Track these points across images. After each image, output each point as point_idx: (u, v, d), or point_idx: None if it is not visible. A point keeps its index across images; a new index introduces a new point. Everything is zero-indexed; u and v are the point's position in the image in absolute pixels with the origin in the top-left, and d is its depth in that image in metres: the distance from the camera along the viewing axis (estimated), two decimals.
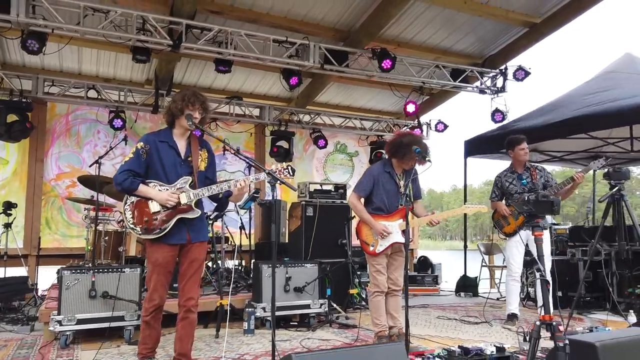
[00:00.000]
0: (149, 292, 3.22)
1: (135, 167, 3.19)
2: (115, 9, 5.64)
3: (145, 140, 3.26)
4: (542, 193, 2.66)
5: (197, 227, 3.31)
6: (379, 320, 4.06)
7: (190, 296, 3.25)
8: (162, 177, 3.23)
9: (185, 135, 3.34)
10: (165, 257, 3.19)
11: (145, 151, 3.21)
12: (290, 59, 6.60)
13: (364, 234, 4.10)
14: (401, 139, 4.12)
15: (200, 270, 3.34)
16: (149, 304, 3.21)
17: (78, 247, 7.24)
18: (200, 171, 3.35)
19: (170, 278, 3.29)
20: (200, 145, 3.41)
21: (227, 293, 5.34)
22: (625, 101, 5.94)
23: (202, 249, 3.35)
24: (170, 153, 3.26)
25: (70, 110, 7.58)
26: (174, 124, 3.31)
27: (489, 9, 6.80)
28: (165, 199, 3.15)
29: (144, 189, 3.17)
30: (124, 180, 3.13)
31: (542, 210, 2.53)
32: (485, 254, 8.24)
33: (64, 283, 4.25)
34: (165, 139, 3.28)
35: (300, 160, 9.19)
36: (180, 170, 3.27)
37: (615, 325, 5.02)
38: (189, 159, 3.31)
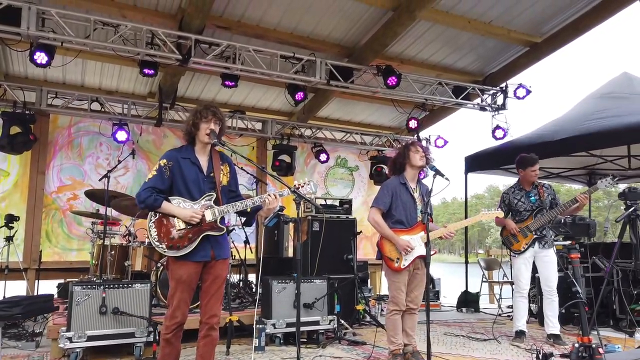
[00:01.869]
0: (171, 310, 3.19)
1: (158, 184, 3.18)
2: (125, 23, 5.66)
3: (168, 157, 3.25)
4: (579, 216, 2.71)
5: (221, 244, 3.30)
6: (395, 338, 4.06)
7: (214, 313, 3.22)
8: (185, 193, 3.22)
9: (206, 150, 3.34)
10: (190, 274, 3.17)
11: (169, 168, 3.20)
12: (297, 75, 6.65)
13: (387, 250, 4.10)
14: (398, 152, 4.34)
15: (223, 286, 3.32)
16: (170, 322, 3.18)
17: (78, 261, 7.16)
18: (223, 186, 3.35)
19: (192, 295, 3.26)
20: (221, 160, 3.42)
21: (234, 309, 5.32)
22: (623, 121, 6.06)
23: (225, 266, 3.34)
24: (193, 169, 3.26)
25: (72, 122, 7.53)
26: (194, 140, 3.32)
27: (492, 28, 6.93)
28: (190, 217, 3.14)
29: (167, 207, 3.16)
30: (147, 198, 3.12)
31: (579, 233, 2.57)
32: (485, 269, 8.29)
33: (75, 299, 4.19)
34: (187, 156, 3.28)
35: (302, 174, 9.20)
36: (204, 186, 3.27)
37: (618, 341, 5.06)
38: (211, 175, 3.31)
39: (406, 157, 4.14)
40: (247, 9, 6.22)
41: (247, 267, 6.74)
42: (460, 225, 4.38)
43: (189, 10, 5.73)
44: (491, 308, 7.93)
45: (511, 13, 6.70)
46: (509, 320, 6.45)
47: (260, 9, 6.23)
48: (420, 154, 4.12)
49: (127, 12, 5.93)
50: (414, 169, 4.19)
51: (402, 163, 4.19)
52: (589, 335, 2.41)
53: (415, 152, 4.13)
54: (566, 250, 2.69)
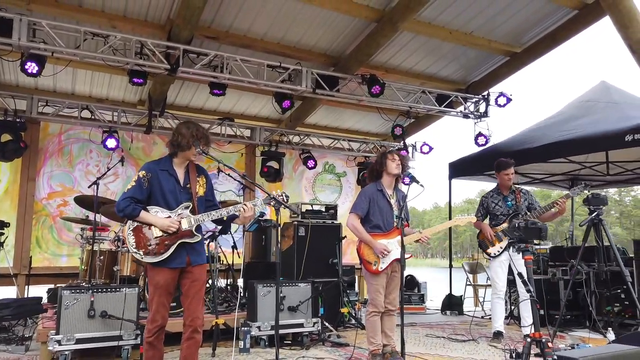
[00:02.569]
0: (151, 314, 3.34)
1: (137, 194, 3.34)
2: (114, 34, 5.80)
3: (147, 169, 3.42)
4: (531, 220, 2.87)
5: (197, 251, 3.47)
6: (375, 339, 4.22)
7: (196, 315, 3.37)
8: (162, 203, 3.39)
9: (184, 163, 3.52)
10: (166, 279, 3.33)
11: (147, 179, 3.37)
12: (284, 84, 6.82)
13: (365, 253, 4.27)
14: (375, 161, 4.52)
15: (203, 289, 3.48)
16: (152, 325, 3.33)
17: (68, 267, 7.25)
18: (200, 197, 3.53)
19: (170, 299, 3.42)
20: (198, 172, 3.59)
21: (220, 312, 5.46)
22: (601, 128, 6.28)
23: (203, 270, 3.49)
24: (170, 181, 3.44)
25: (63, 130, 7.63)
26: (177, 154, 3.48)
27: (473, 38, 7.16)
28: (167, 226, 3.31)
29: (145, 216, 3.33)
30: (126, 207, 3.29)
31: (531, 236, 2.74)
32: (469, 273, 8.47)
33: (64, 303, 4.30)
34: (165, 168, 3.46)
35: (290, 180, 9.36)
36: (180, 197, 3.44)
37: (595, 342, 5.26)
38: (187, 186, 3.49)
39: (383, 165, 4.33)
40: (235, 20, 6.39)
41: (234, 271, 6.88)
42: (435, 230, 4.56)
43: (177, 22, 5.89)
44: (475, 311, 8.10)
45: (492, 24, 6.93)
46: (490, 322, 6.61)
47: (247, 19, 6.40)
48: (396, 162, 4.30)
49: (116, 23, 6.08)
50: (390, 177, 4.37)
51: (379, 171, 4.37)
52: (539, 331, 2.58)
53: (391, 160, 4.31)
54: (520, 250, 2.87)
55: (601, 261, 4.13)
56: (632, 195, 57.18)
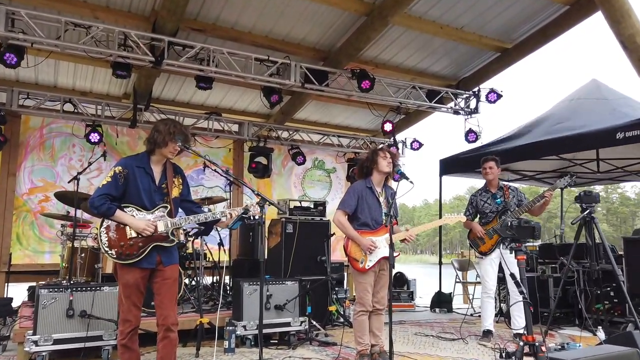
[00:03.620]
0: (123, 315, 3.23)
1: (112, 191, 3.20)
2: (97, 25, 5.62)
3: (123, 164, 3.28)
4: (524, 219, 2.79)
5: (169, 252, 3.35)
6: (362, 339, 4.13)
7: (167, 313, 3.25)
8: (137, 202, 3.26)
9: (161, 162, 3.39)
10: (136, 278, 3.21)
11: (123, 175, 3.23)
12: (272, 78, 6.68)
13: (352, 250, 4.18)
14: (365, 157, 4.43)
15: (175, 287, 3.36)
16: (124, 326, 3.21)
17: (50, 264, 7.08)
18: (175, 198, 3.40)
19: (142, 297, 3.30)
20: (174, 172, 3.47)
21: (206, 311, 5.34)
22: (592, 126, 6.24)
23: (174, 270, 3.38)
24: (146, 179, 3.30)
25: (44, 123, 7.44)
26: (154, 151, 3.35)
27: (464, 34, 7.07)
28: (142, 229, 3.18)
29: (120, 215, 3.19)
30: (101, 205, 3.14)
31: (525, 235, 2.66)
32: (459, 270, 8.42)
33: (41, 302, 4.16)
34: (142, 165, 3.32)
35: (279, 176, 9.24)
36: (154, 197, 3.31)
37: (585, 340, 5.22)
38: (163, 186, 3.35)
39: (374, 162, 4.22)
40: (221, 12, 6.23)
41: (220, 269, 6.75)
42: (423, 229, 4.48)
43: (162, 13, 5.72)
44: (465, 308, 8.05)
45: (482, 19, 6.84)
46: (480, 320, 6.56)
47: (234, 12, 6.25)
48: (387, 160, 4.19)
49: (99, 14, 5.90)
50: (380, 174, 4.27)
51: (370, 168, 4.27)
52: (533, 334, 2.50)
53: (383, 157, 4.21)
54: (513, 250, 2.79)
55: (593, 259, 4.07)
56: (618, 192, 57.92)
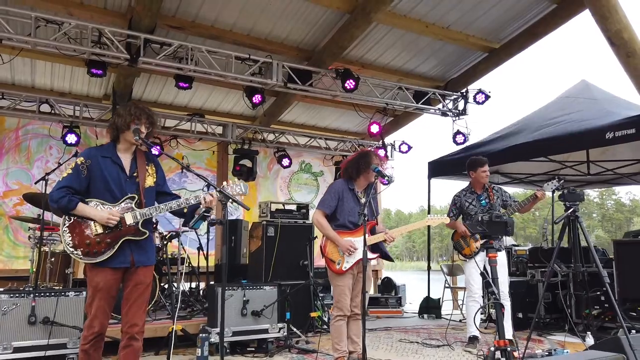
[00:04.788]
0: (88, 319, 2.99)
1: (74, 184, 2.95)
2: (69, 21, 5.44)
3: (86, 155, 3.04)
4: (495, 213, 2.62)
5: (143, 249, 3.09)
6: (340, 345, 3.93)
7: (134, 322, 3.02)
8: (105, 195, 3.01)
9: (130, 150, 3.15)
10: (107, 281, 2.96)
11: (86, 167, 2.98)
12: (254, 77, 6.52)
13: (329, 251, 4.00)
14: (360, 156, 4.13)
15: (146, 294, 3.12)
16: (88, 332, 2.97)
17: (24, 269, 6.79)
18: (149, 187, 3.16)
19: (113, 303, 3.05)
20: (147, 160, 3.23)
21: (183, 318, 5.13)
22: (581, 126, 6.11)
23: (148, 272, 3.13)
24: (114, 169, 3.05)
25: (20, 124, 7.24)
26: (119, 138, 3.13)
27: (450, 33, 6.93)
28: (106, 219, 2.93)
29: (82, 208, 2.93)
30: (61, 198, 2.89)
31: (496, 231, 2.48)
32: (447, 275, 8.23)
33: (1, 308, 3.95)
34: (108, 154, 3.07)
35: (264, 180, 9.06)
36: (126, 188, 3.07)
37: (574, 346, 5.04)
38: (134, 175, 3.12)
39: (365, 171, 4.00)
40: (200, 9, 6.07)
41: (202, 274, 6.55)
42: (404, 230, 4.30)
43: (137, 9, 5.55)
44: (454, 314, 7.85)
45: (469, 18, 6.71)
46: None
47: (214, 9, 6.09)
48: (373, 178, 3.98)
49: (73, 10, 5.72)
50: (365, 181, 4.09)
51: (359, 171, 4.05)
52: (505, 338, 2.32)
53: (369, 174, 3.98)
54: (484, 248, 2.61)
55: (577, 261, 3.90)
56: (613, 198, 58.05)
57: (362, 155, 4.16)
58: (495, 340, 2.38)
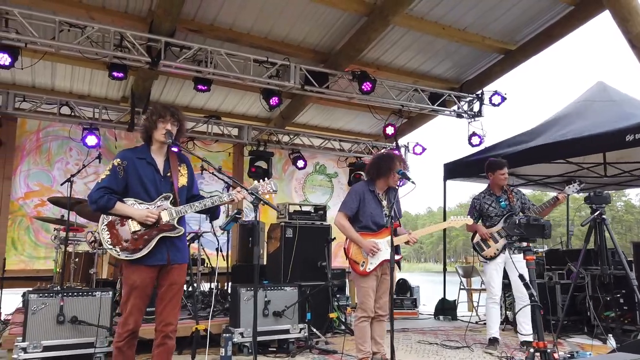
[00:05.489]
0: (123, 317, 3.06)
1: (112, 184, 3.05)
2: (92, 25, 5.53)
3: (122, 156, 3.13)
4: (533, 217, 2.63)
5: (178, 248, 3.17)
6: (364, 346, 3.96)
7: (169, 321, 3.09)
8: (141, 194, 3.10)
9: (162, 150, 3.24)
10: (144, 279, 3.03)
11: (123, 168, 3.08)
12: (271, 79, 6.57)
13: (353, 253, 4.02)
14: (382, 159, 4.15)
15: (180, 294, 3.20)
16: (122, 329, 3.04)
17: (45, 269, 6.92)
18: (182, 187, 3.24)
19: (147, 302, 3.12)
20: (179, 160, 3.31)
21: (203, 318, 5.18)
22: (601, 128, 6.08)
23: (182, 272, 3.21)
24: (149, 170, 3.15)
25: (41, 126, 7.33)
26: (151, 139, 3.21)
27: (466, 35, 6.95)
28: (145, 217, 3.01)
29: (121, 207, 3.03)
30: (100, 198, 2.99)
31: (534, 234, 2.50)
32: (463, 277, 8.23)
33: (30, 307, 4.02)
34: (143, 156, 3.17)
35: (279, 181, 9.10)
36: (161, 187, 3.16)
37: (594, 349, 5.03)
38: (168, 175, 3.20)
39: (388, 173, 4.03)
40: (219, 13, 6.14)
41: (219, 275, 6.59)
42: (426, 231, 4.32)
43: (158, 13, 5.63)
44: (469, 316, 7.85)
45: (485, 20, 6.72)
46: (485, 328, 6.37)
47: (232, 13, 6.15)
48: (396, 180, 4.01)
49: (95, 14, 5.81)
50: (386, 184, 4.12)
51: (380, 175, 4.07)
52: (544, 340, 2.34)
53: (392, 177, 4.01)
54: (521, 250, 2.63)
55: (604, 263, 3.90)
56: (623, 200, 57.54)
57: (383, 158, 4.19)
58: (535, 342, 2.39)
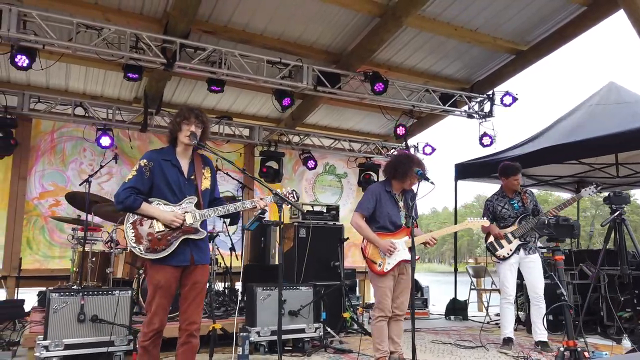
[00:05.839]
0: (149, 316, 3.10)
1: (138, 184, 3.10)
2: (108, 27, 5.58)
3: (148, 157, 3.19)
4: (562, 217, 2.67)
5: (201, 249, 3.23)
6: (381, 345, 3.99)
7: (193, 320, 3.14)
8: (166, 195, 3.15)
9: (187, 153, 3.29)
10: (168, 279, 3.08)
11: (149, 168, 3.13)
12: (284, 80, 6.61)
13: (371, 253, 4.05)
14: (398, 159, 4.16)
15: (203, 293, 3.24)
16: (148, 328, 3.08)
17: (60, 269, 6.98)
18: (205, 189, 3.29)
19: (171, 301, 3.17)
20: (203, 163, 3.36)
21: (217, 317, 5.22)
22: (614, 129, 6.08)
23: (205, 272, 3.26)
24: (173, 171, 3.20)
25: (55, 127, 7.39)
26: (175, 141, 3.26)
27: (478, 35, 6.96)
28: (171, 220, 3.06)
29: (147, 208, 3.08)
30: (127, 198, 3.04)
31: (563, 234, 2.53)
32: (474, 277, 8.25)
33: (52, 306, 4.07)
34: (168, 157, 3.22)
35: (290, 181, 9.13)
36: (185, 189, 3.20)
37: (607, 349, 5.03)
38: (192, 178, 3.25)
39: (404, 175, 4.06)
40: (233, 15, 6.18)
41: (232, 274, 6.64)
42: (445, 232, 4.34)
43: (173, 14, 5.67)
44: (479, 316, 7.88)
45: (497, 21, 6.73)
46: (497, 328, 6.40)
47: (246, 14, 6.19)
48: (414, 182, 4.04)
49: (111, 16, 5.86)
50: (401, 186, 4.15)
51: (397, 175, 4.10)
52: (575, 339, 2.36)
53: (410, 178, 4.04)
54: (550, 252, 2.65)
55: (624, 264, 3.91)
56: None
57: (399, 158, 4.20)
58: (564, 341, 2.42)
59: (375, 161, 9.57)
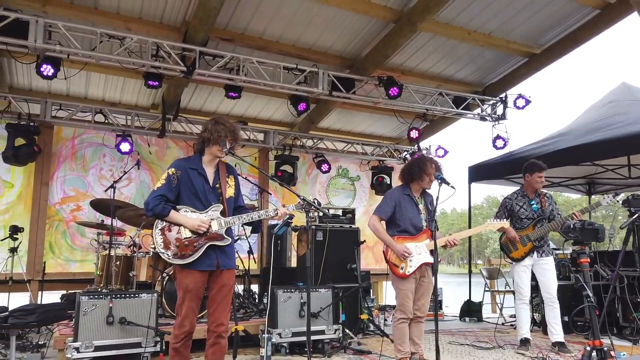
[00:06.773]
0: (179, 319, 3.22)
1: (167, 193, 3.23)
2: (130, 36, 5.73)
3: (176, 166, 3.31)
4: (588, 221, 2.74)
5: (226, 254, 3.35)
6: (402, 347, 4.08)
7: (221, 322, 3.26)
8: (193, 203, 3.28)
9: (214, 162, 3.40)
10: (196, 283, 3.21)
11: (177, 177, 3.26)
12: (300, 86, 6.72)
13: (392, 256, 4.14)
14: (414, 162, 4.28)
15: (230, 295, 3.35)
16: (179, 331, 3.20)
17: (81, 272, 7.16)
18: (229, 197, 3.40)
19: (200, 304, 3.30)
20: (227, 172, 3.47)
21: (238, 319, 5.33)
22: (628, 130, 6.12)
23: (231, 275, 3.37)
24: (199, 180, 3.32)
25: (76, 134, 7.56)
26: (204, 151, 3.37)
27: (491, 39, 7.04)
28: (197, 226, 3.19)
29: (175, 215, 3.21)
30: (156, 206, 3.17)
31: (588, 238, 2.60)
32: (487, 279, 8.30)
33: (82, 309, 4.19)
34: (195, 166, 3.34)
35: (304, 185, 9.24)
36: (209, 197, 3.32)
37: (623, 349, 5.08)
38: (217, 186, 3.36)
39: (420, 176, 4.15)
40: (250, 22, 6.31)
41: (250, 277, 6.75)
42: (465, 235, 4.41)
43: (193, 23, 5.81)
44: (494, 317, 7.92)
45: (510, 24, 6.81)
46: (512, 329, 6.46)
47: (262, 22, 6.32)
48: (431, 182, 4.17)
49: (132, 25, 6.01)
50: (419, 187, 4.25)
51: (413, 177, 4.20)
52: (600, 339, 2.43)
53: (428, 175, 4.15)
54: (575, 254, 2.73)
55: None
56: None
57: (415, 161, 4.31)
58: (590, 341, 2.50)
59: (388, 164, 9.65)
